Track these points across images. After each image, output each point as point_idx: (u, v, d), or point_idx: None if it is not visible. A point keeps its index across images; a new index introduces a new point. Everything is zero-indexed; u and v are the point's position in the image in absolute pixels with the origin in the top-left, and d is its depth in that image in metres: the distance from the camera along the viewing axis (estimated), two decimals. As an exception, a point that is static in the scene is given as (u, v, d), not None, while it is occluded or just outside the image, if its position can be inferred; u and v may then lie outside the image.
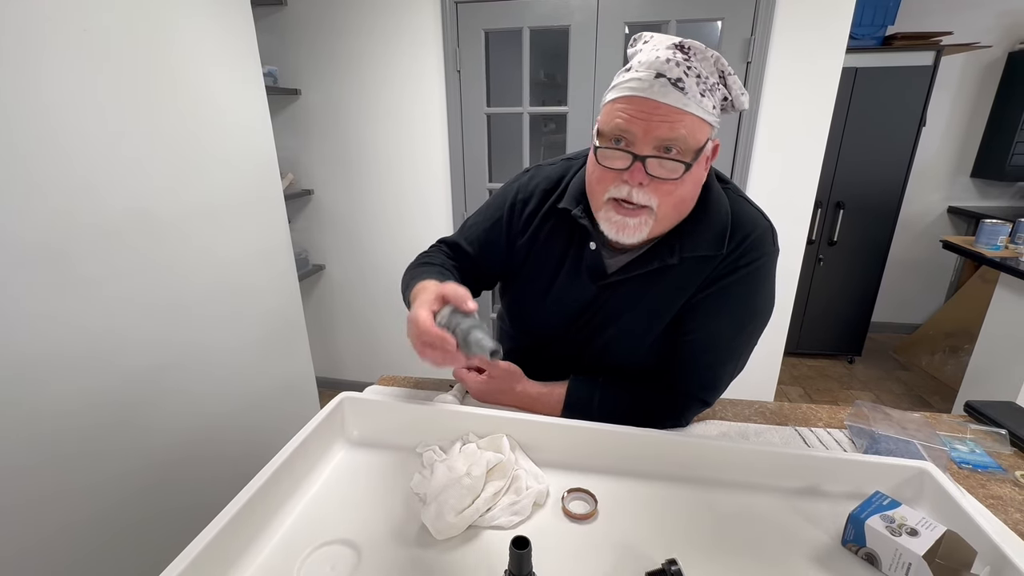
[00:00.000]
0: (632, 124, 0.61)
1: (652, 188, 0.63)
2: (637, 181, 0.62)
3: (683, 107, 0.59)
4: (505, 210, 0.82)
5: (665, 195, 0.64)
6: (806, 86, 1.77)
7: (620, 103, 0.62)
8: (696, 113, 0.60)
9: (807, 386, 2.70)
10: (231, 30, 1.30)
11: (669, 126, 0.60)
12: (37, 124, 0.87)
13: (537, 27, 1.89)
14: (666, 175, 0.62)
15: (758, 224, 0.72)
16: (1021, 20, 2.72)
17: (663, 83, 0.59)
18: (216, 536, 0.50)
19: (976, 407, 0.86)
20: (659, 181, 0.62)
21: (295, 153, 2.23)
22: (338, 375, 2.59)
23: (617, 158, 0.63)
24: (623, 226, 0.66)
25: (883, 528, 0.53)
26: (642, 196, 0.63)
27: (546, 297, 0.80)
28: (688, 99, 0.59)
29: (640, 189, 0.63)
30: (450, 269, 0.83)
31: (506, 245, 0.82)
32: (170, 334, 1.17)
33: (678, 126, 0.60)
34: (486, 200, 0.89)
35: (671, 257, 0.70)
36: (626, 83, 0.62)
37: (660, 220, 0.66)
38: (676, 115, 0.60)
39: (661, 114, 0.60)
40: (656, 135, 0.60)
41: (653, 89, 0.59)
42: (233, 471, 1.35)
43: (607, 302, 0.77)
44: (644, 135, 0.61)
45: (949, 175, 3.04)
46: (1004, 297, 1.88)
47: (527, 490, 0.62)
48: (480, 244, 0.85)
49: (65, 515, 0.96)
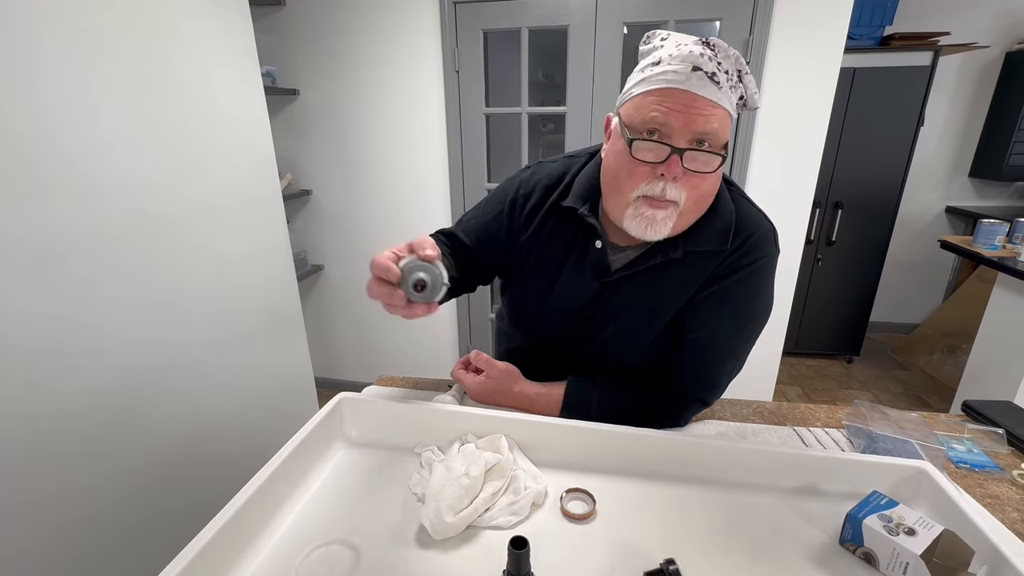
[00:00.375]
0: (670, 116, 0.60)
1: (683, 181, 0.62)
2: (673, 175, 0.61)
3: (718, 100, 0.60)
4: (506, 204, 0.82)
5: (692, 189, 0.63)
6: (804, 86, 1.77)
7: (654, 95, 0.61)
8: (727, 108, 0.61)
9: (805, 386, 2.70)
10: (229, 30, 1.29)
11: (705, 119, 0.60)
12: (35, 124, 0.87)
13: (536, 27, 1.89)
14: (701, 168, 0.61)
15: (760, 224, 0.72)
16: (1018, 20, 2.73)
17: (700, 76, 0.59)
18: (214, 536, 0.50)
19: (974, 406, 0.86)
20: (690, 175, 0.62)
21: (293, 153, 2.23)
22: (336, 375, 2.59)
23: (653, 150, 0.61)
24: (652, 221, 0.65)
25: (881, 527, 0.53)
26: (674, 191, 0.63)
27: (549, 295, 0.80)
28: (721, 93, 0.60)
29: (673, 183, 0.62)
30: (446, 254, 0.82)
31: (506, 239, 0.82)
32: (168, 334, 1.17)
33: (713, 119, 0.60)
34: (485, 196, 0.88)
35: (675, 251, 0.70)
36: (661, 75, 0.61)
37: (683, 215, 0.65)
38: (711, 108, 0.60)
39: (698, 107, 0.59)
40: (693, 128, 0.60)
41: (691, 82, 0.59)
42: (231, 471, 1.35)
43: (609, 299, 0.77)
44: (682, 128, 0.60)
45: (947, 175, 3.05)
46: (1002, 297, 1.89)
47: (525, 490, 0.62)
48: (478, 236, 0.84)
49: (63, 514, 0.96)
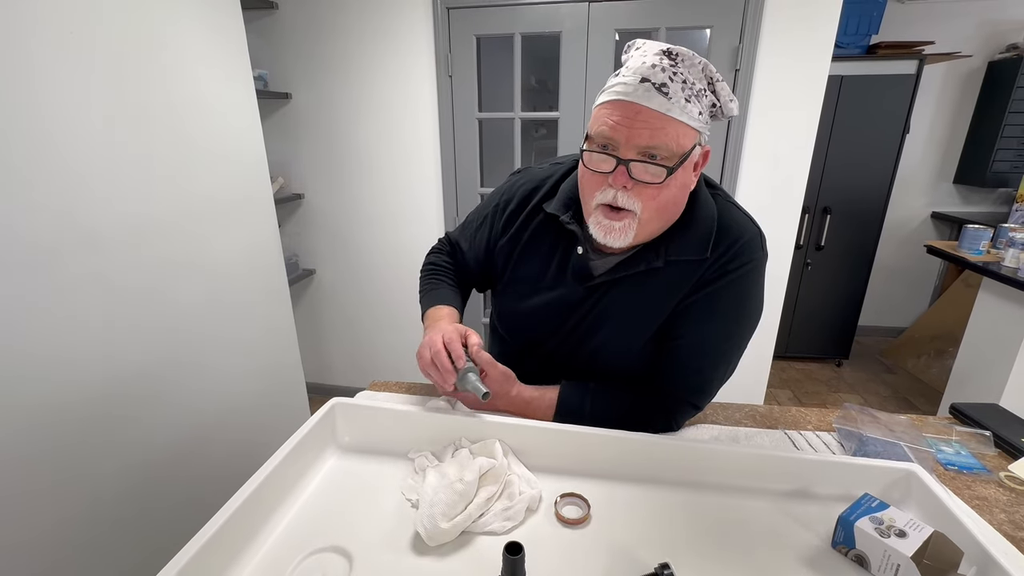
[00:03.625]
0: (616, 131, 0.62)
1: (636, 192, 0.64)
2: (620, 184, 0.64)
3: (666, 111, 0.60)
4: (490, 210, 0.86)
5: (649, 199, 0.65)
6: (793, 93, 1.79)
7: (606, 107, 0.64)
8: (679, 118, 0.61)
9: (796, 389, 2.73)
10: (221, 33, 1.29)
11: (650, 132, 0.61)
12: (26, 126, 0.86)
13: (528, 33, 1.90)
14: (649, 179, 0.63)
15: (746, 229, 0.73)
16: (1000, 30, 2.79)
17: (647, 87, 0.60)
18: (205, 544, 0.49)
19: (961, 409, 0.88)
20: (642, 185, 0.64)
21: (285, 157, 2.21)
22: (329, 381, 2.57)
23: (602, 162, 0.65)
24: (609, 229, 0.68)
25: (872, 530, 0.53)
26: (626, 200, 0.65)
27: (532, 299, 0.81)
28: (672, 104, 0.60)
29: (624, 192, 0.64)
30: (455, 279, 0.91)
31: (488, 245, 0.86)
32: (158, 339, 1.15)
33: (659, 133, 0.61)
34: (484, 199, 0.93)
35: (656, 260, 0.72)
36: (613, 87, 0.64)
37: (644, 224, 0.67)
38: (658, 120, 0.61)
39: (643, 119, 0.61)
40: (637, 142, 0.62)
41: (637, 93, 0.61)
42: (222, 477, 1.33)
43: (595, 305, 0.77)
44: (626, 141, 0.62)
45: (932, 181, 3.10)
46: (987, 301, 1.91)
47: (520, 495, 0.62)
48: (473, 247, 0.89)
49: (53, 515, 0.94)
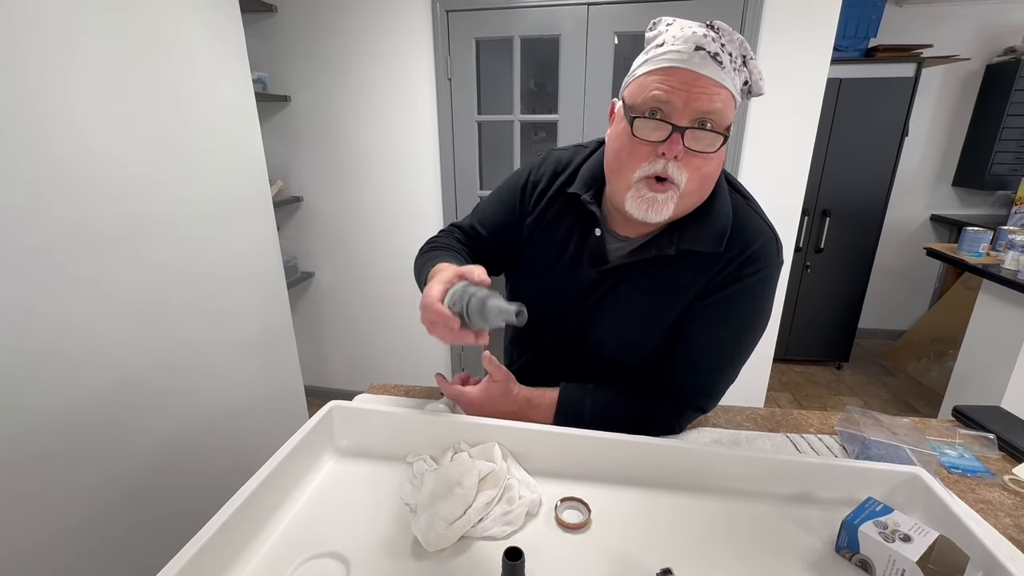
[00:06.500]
0: (673, 95, 0.60)
1: (685, 162, 0.62)
2: (674, 153, 0.61)
3: (721, 80, 0.60)
4: (518, 191, 0.84)
5: (695, 170, 0.63)
6: (792, 95, 1.80)
7: (656, 75, 0.62)
8: (730, 88, 0.61)
9: (796, 392, 2.72)
10: (221, 35, 1.29)
11: (708, 97, 0.60)
12: (28, 128, 0.86)
13: (528, 36, 1.90)
14: (703, 148, 0.61)
15: (762, 233, 0.71)
16: (997, 34, 2.80)
17: (703, 55, 0.59)
18: (200, 549, 0.49)
19: (964, 412, 0.87)
20: (692, 155, 0.62)
21: (284, 159, 2.21)
22: (327, 384, 2.56)
23: (656, 129, 0.62)
24: (652, 203, 0.64)
25: (876, 534, 0.53)
26: (675, 171, 0.63)
27: (546, 279, 0.81)
28: (724, 74, 0.60)
29: (675, 163, 0.62)
30: (462, 252, 0.83)
31: (518, 226, 0.84)
32: (157, 340, 1.15)
33: (716, 99, 0.60)
34: (498, 185, 0.89)
35: (669, 247, 0.70)
36: (664, 55, 0.61)
37: (684, 197, 0.65)
38: (714, 87, 0.60)
39: (701, 85, 0.60)
40: (696, 106, 0.60)
41: (693, 61, 0.59)
42: (219, 481, 1.32)
43: (606, 292, 0.76)
44: (684, 106, 0.60)
45: (931, 184, 3.11)
46: (987, 303, 1.91)
47: (520, 500, 0.61)
48: (494, 227, 0.85)
49: (49, 520, 0.93)
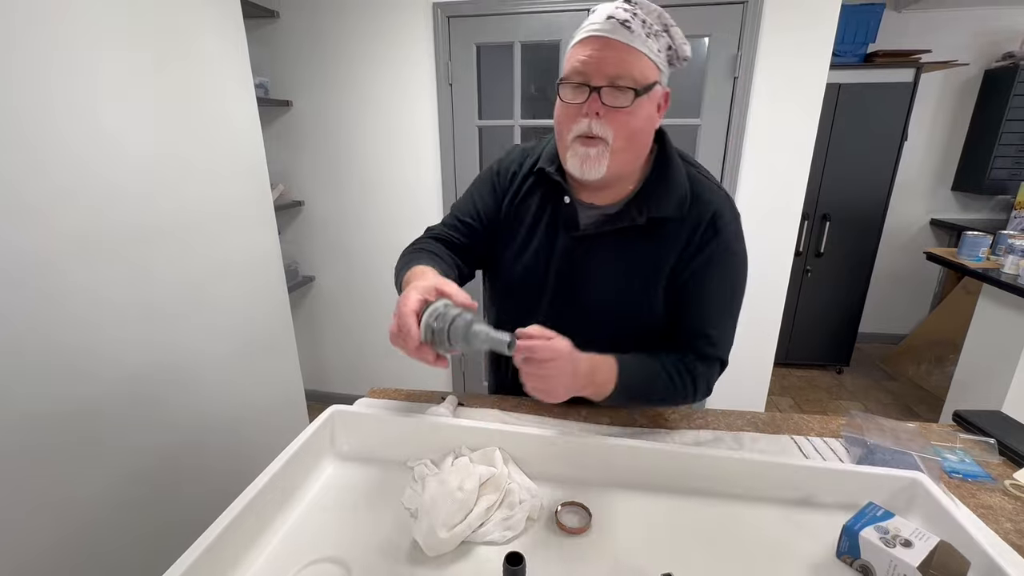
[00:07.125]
0: (587, 64, 0.69)
1: (608, 119, 0.70)
2: (594, 111, 0.69)
3: (629, 43, 0.68)
4: (493, 177, 0.90)
5: (620, 126, 0.70)
6: (792, 100, 1.80)
7: (578, 46, 0.71)
8: (642, 50, 0.69)
9: (797, 396, 2.72)
10: (223, 41, 1.29)
11: (618, 60, 0.68)
12: (27, 134, 0.86)
13: (528, 42, 1.91)
14: (619, 103, 0.69)
15: (716, 195, 0.79)
16: (995, 39, 2.81)
17: (613, 23, 0.68)
18: (202, 554, 0.49)
19: (964, 417, 0.87)
20: (613, 111, 0.69)
21: (286, 164, 2.22)
22: (328, 388, 2.56)
23: (576, 91, 0.71)
24: (585, 158, 0.72)
25: (877, 539, 0.53)
26: (599, 128, 0.70)
27: (524, 252, 0.85)
28: (634, 37, 0.68)
29: (597, 120, 0.70)
30: (445, 255, 0.87)
31: (498, 208, 0.89)
32: (157, 344, 1.15)
33: (625, 62, 0.68)
34: (468, 186, 0.94)
35: (639, 217, 0.77)
36: (583, 28, 0.71)
37: (616, 152, 0.72)
38: (624, 50, 0.68)
39: (611, 48, 0.68)
40: (607, 71, 0.68)
41: (604, 28, 0.68)
42: (220, 486, 1.32)
43: (583, 257, 0.81)
44: (597, 70, 0.69)
45: (931, 188, 3.11)
46: (987, 307, 1.91)
47: (520, 504, 0.61)
48: (476, 213, 0.90)
49: (49, 525, 0.93)
